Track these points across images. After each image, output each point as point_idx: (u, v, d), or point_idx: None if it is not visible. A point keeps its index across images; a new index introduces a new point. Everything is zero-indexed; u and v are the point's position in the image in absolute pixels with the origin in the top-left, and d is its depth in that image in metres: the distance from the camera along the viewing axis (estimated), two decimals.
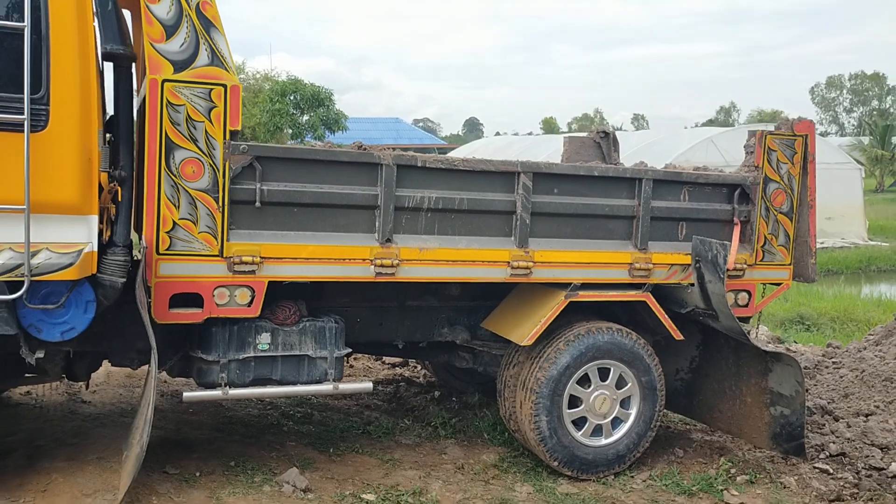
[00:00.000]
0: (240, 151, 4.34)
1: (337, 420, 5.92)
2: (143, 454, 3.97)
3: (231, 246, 4.36)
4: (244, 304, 4.47)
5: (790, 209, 5.61)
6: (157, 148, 4.20)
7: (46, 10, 3.94)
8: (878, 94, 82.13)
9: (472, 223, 4.89)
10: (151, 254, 4.24)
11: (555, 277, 5.07)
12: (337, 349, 4.84)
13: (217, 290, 4.40)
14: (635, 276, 5.23)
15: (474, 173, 4.88)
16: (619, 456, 5.27)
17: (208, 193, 4.31)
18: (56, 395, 5.93)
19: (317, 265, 4.53)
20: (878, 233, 24.22)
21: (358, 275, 4.62)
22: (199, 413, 5.77)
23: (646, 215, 5.23)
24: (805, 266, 5.67)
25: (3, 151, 3.89)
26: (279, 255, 4.45)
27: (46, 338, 4.20)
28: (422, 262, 4.73)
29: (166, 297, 4.32)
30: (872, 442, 5.59)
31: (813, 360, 7.75)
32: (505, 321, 5.42)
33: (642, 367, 5.31)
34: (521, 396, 5.18)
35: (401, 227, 4.71)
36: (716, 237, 5.35)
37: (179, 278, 4.31)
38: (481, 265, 4.87)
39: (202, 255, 4.32)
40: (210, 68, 4.27)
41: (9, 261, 3.94)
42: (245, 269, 4.38)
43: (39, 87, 3.93)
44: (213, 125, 4.29)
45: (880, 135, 43.25)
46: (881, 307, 12.99)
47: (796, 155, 5.59)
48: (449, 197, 4.81)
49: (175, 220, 4.26)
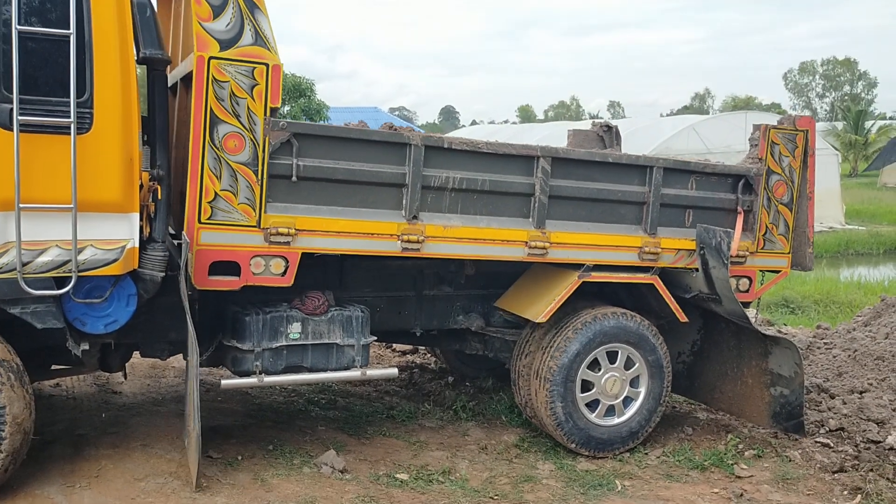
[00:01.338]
0: (279, 128, 4.54)
1: (361, 405, 6.15)
2: (200, 438, 4.18)
3: (268, 218, 4.56)
4: (278, 273, 4.66)
5: (790, 200, 5.89)
6: (201, 122, 4.39)
7: (90, 18, 4.09)
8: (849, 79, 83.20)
9: (492, 204, 5.11)
10: (193, 223, 4.43)
11: (569, 258, 5.30)
12: (364, 337, 5.04)
13: (254, 259, 4.60)
14: (645, 259, 5.49)
15: (497, 156, 5.11)
16: (632, 433, 5.53)
17: (248, 167, 4.50)
18: (86, 386, 6.11)
19: (347, 239, 4.75)
20: (855, 217, 24.75)
21: (386, 249, 4.84)
22: (228, 401, 5.98)
23: (655, 202, 5.49)
24: (803, 255, 5.97)
25: (50, 153, 4.05)
26: (312, 228, 4.65)
27: (91, 330, 4.40)
28: (445, 239, 4.95)
29: (206, 264, 4.50)
30: (868, 417, 5.90)
31: (805, 341, 8.08)
32: (519, 300, 5.65)
33: (648, 347, 5.57)
34: (535, 385, 5.42)
35: (426, 205, 4.93)
36: (720, 225, 5.62)
37: (219, 247, 4.50)
38: (501, 244, 5.10)
39: (241, 226, 4.51)
40: (254, 48, 4.46)
41: (57, 257, 4.11)
42: (280, 240, 4.58)
43: (84, 91, 4.09)
44: (255, 102, 4.47)
45: (854, 120, 43.93)
46: (861, 290, 13.41)
47: (797, 149, 5.88)
48: (472, 178, 5.03)
49: (217, 191, 4.45)
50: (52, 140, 4.04)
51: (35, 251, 4.05)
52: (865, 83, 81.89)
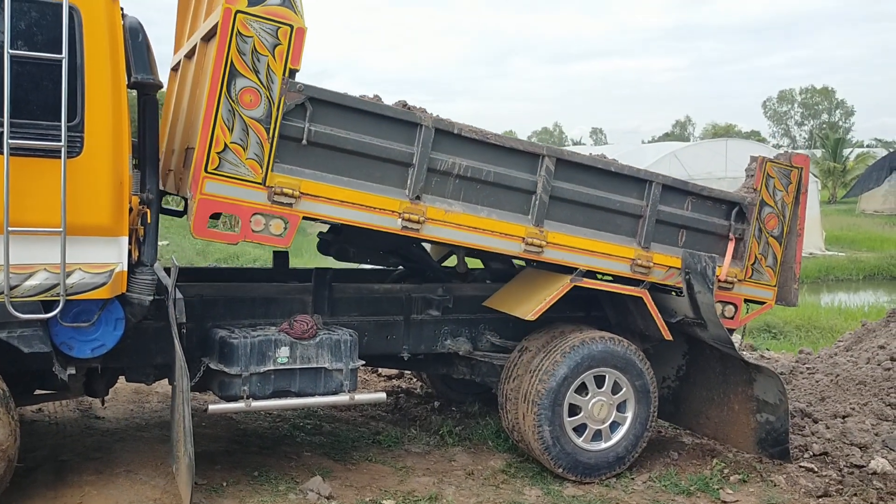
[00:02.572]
0: (296, 89, 4.57)
1: (347, 431, 6.13)
2: (192, 464, 4.15)
3: (274, 177, 4.56)
4: (277, 234, 4.63)
5: (780, 234, 5.98)
6: (220, 73, 4.40)
7: (82, 43, 4.11)
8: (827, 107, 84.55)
9: (494, 196, 5.15)
10: (199, 171, 4.42)
11: (563, 260, 5.34)
12: (352, 361, 5.03)
13: (254, 216, 4.57)
14: (636, 271, 5.54)
15: (503, 149, 5.16)
16: (619, 458, 5.55)
17: (261, 123, 4.51)
18: (68, 411, 6.05)
19: (349, 209, 4.75)
20: (835, 243, 25.00)
21: (385, 225, 4.84)
22: (212, 426, 5.94)
23: (652, 216, 5.56)
24: (788, 290, 6.05)
25: (39, 177, 4.05)
26: (316, 194, 4.65)
27: (77, 355, 4.37)
28: (445, 223, 4.98)
29: (206, 214, 4.48)
30: (851, 441, 5.95)
31: (788, 366, 8.14)
32: (509, 300, 5.68)
33: (635, 372, 5.60)
34: (523, 409, 5.43)
35: (430, 187, 4.96)
36: (711, 249, 5.70)
37: (222, 198, 4.48)
38: (499, 237, 5.14)
39: (246, 181, 4.50)
40: (280, 8, 4.49)
41: (45, 281, 4.10)
42: (283, 200, 4.58)
43: (75, 115, 4.10)
44: (276, 61, 4.50)
45: (832, 148, 44.50)
46: (842, 315, 13.54)
47: (791, 185, 6.00)
48: (477, 167, 5.07)
49: (227, 143, 4.45)
50: (42, 163, 4.04)
51: (23, 275, 4.04)
52: (843, 111, 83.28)
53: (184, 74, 5.57)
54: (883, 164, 35.88)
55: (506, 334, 5.88)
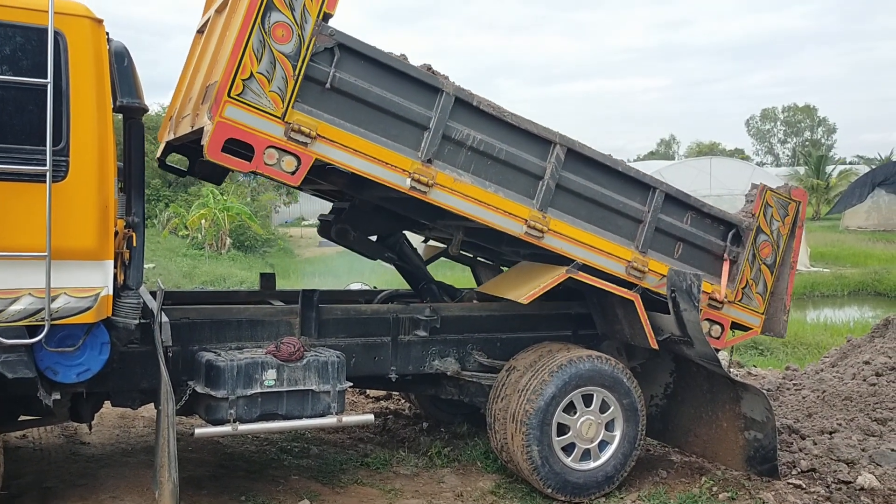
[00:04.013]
0: (327, 33, 4.65)
1: (334, 453, 6.09)
2: (177, 490, 4.12)
3: (293, 113, 4.62)
4: (288, 171, 4.67)
5: (773, 262, 6.04)
6: (257, 4, 4.48)
7: (67, 67, 4.13)
8: (809, 125, 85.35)
9: (503, 174, 5.20)
10: (222, 95, 4.47)
11: (561, 249, 5.37)
12: (339, 383, 5.02)
13: (269, 149, 4.62)
14: (631, 274, 5.57)
15: (518, 129, 5.23)
16: (608, 477, 5.54)
17: (289, 59, 4.58)
18: (53, 437, 5.99)
19: (362, 160, 4.81)
20: (819, 259, 25.16)
21: (395, 181, 4.89)
22: (198, 451, 5.89)
23: (652, 223, 5.62)
24: (778, 322, 6.10)
25: (24, 201, 4.04)
26: (332, 138, 4.71)
27: (63, 380, 4.33)
28: (453, 192, 5.03)
29: (222, 138, 4.51)
30: (839, 457, 5.97)
31: (775, 382, 8.17)
32: (503, 285, 5.76)
33: (623, 390, 5.60)
34: (511, 429, 5.42)
35: (443, 154, 5.02)
36: (704, 267, 5.75)
37: (240, 125, 4.52)
38: (502, 214, 5.17)
39: (266, 112, 4.56)
40: None
41: (29, 306, 4.08)
42: (299, 138, 4.63)
43: (60, 139, 4.10)
44: (312, 2, 4.61)
45: (815, 165, 44.90)
46: (828, 331, 13.62)
47: (788, 217, 6.09)
48: (490, 143, 5.14)
49: (253, 72, 4.51)
50: (27, 188, 4.03)
51: (7, 300, 4.02)
52: (825, 129, 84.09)
53: (211, 28, 5.60)
54: (865, 180, 36.18)
55: (493, 354, 5.88)
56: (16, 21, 4.05)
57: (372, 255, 6.69)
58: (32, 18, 4.06)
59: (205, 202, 24.86)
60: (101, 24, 4.28)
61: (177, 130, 5.44)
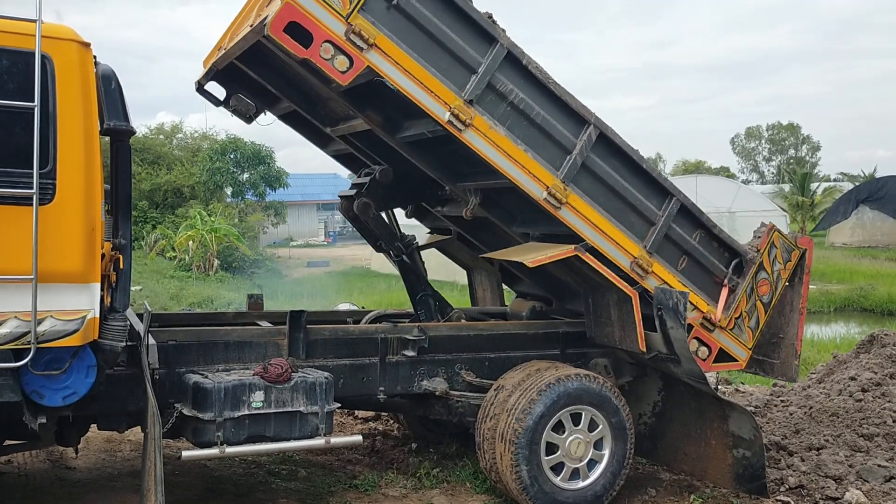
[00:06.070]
0: None
1: (322, 475, 6.06)
2: None
3: (357, 17, 4.72)
4: (341, 70, 4.76)
5: (769, 301, 6.08)
6: None
7: (54, 91, 4.14)
8: (794, 143, 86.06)
9: (536, 138, 5.28)
10: None
11: (575, 226, 5.40)
12: (327, 404, 5.01)
13: (326, 42, 4.71)
14: (634, 270, 5.59)
15: (558, 99, 5.34)
16: (597, 496, 5.53)
17: None
18: (38, 462, 5.93)
19: (410, 81, 4.90)
20: None
21: (435, 111, 4.98)
22: (185, 474, 5.85)
23: (663, 228, 5.66)
24: (789, 367, 6.16)
25: (10, 223, 4.04)
26: (387, 51, 4.81)
27: (49, 403, 4.30)
28: (486, 137, 5.11)
29: (287, 18, 4.59)
30: (826, 474, 6.00)
31: (763, 399, 8.21)
32: (510, 252, 5.92)
33: (611, 408, 5.61)
34: (500, 448, 5.42)
35: (484, 101, 5.12)
36: (703, 288, 5.80)
37: (306, 11, 4.63)
38: (527, 174, 5.23)
39: (332, 8, 4.68)
40: None
41: (15, 329, 4.06)
42: (357, 42, 4.73)
43: (47, 162, 4.11)
44: None
45: (800, 182, 45.21)
46: (815, 347, 13.66)
47: (790, 262, 6.15)
48: (530, 104, 5.23)
49: None
50: (14, 210, 4.04)
51: None
52: (809, 147, 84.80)
53: None
54: (849, 197, 36.54)
55: (482, 373, 5.88)
56: (3, 45, 4.07)
57: (385, 240, 6.69)
58: (20, 42, 4.08)
59: (192, 223, 24.82)
60: (88, 47, 4.30)
61: (232, 39, 5.49)
